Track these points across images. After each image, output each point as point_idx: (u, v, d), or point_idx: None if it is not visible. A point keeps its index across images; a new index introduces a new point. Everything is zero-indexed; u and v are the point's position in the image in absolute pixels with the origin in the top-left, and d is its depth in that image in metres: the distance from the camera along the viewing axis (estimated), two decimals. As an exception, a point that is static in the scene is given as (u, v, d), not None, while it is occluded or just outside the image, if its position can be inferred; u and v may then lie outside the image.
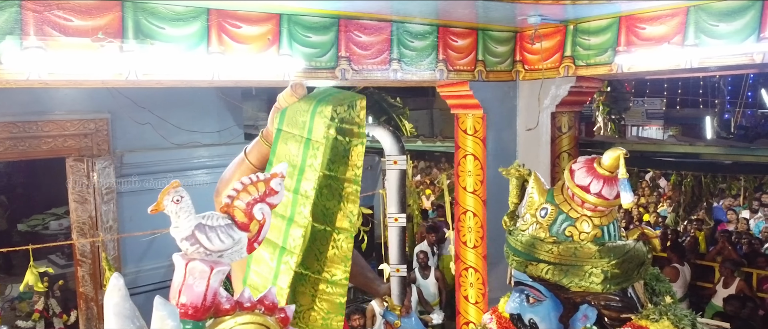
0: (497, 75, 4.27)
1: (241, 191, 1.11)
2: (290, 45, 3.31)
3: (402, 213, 2.69)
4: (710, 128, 15.92)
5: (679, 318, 1.62)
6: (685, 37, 3.34)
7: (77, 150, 6.68)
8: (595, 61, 3.83)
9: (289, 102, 1.75)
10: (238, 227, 1.11)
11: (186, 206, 1.09)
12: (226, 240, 1.08)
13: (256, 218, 1.12)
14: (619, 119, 13.42)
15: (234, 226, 1.10)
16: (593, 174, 1.66)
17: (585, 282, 1.67)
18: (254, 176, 1.13)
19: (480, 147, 4.33)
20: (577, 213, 1.69)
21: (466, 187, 4.45)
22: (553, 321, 1.74)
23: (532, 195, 1.79)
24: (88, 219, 6.76)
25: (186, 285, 1.07)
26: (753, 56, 3.11)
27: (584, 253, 1.66)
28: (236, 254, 1.11)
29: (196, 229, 1.07)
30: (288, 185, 1.57)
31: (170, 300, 1.11)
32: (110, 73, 2.81)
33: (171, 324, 0.96)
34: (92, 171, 6.74)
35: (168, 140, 7.17)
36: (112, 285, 1.09)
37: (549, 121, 4.26)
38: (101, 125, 6.81)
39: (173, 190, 1.08)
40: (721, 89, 16.12)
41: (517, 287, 1.81)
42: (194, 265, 1.06)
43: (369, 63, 3.61)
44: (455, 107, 4.44)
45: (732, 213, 10.08)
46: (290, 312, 1.17)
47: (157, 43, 2.88)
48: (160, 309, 0.96)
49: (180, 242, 1.08)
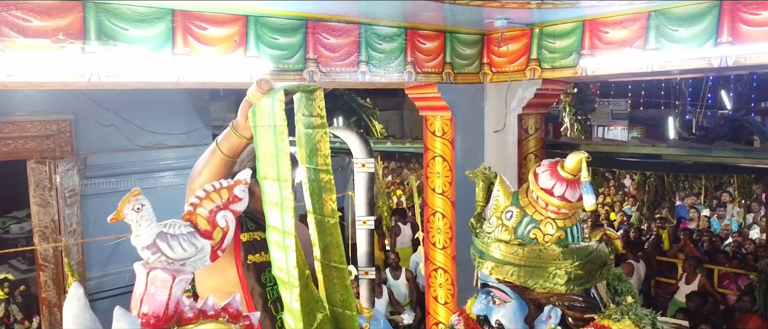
0: (465, 77, 4.30)
1: (203, 199, 1.10)
2: (257, 47, 3.28)
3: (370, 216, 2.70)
4: (673, 129, 16.32)
5: (639, 317, 1.65)
6: (647, 41, 3.42)
7: (39, 152, 6.50)
8: (560, 64, 3.90)
9: (257, 98, 1.78)
10: (201, 235, 1.10)
11: (147, 214, 1.07)
12: (189, 248, 1.07)
13: (220, 225, 1.11)
14: (585, 119, 13.65)
15: (196, 234, 1.09)
16: (556, 177, 1.69)
17: (549, 284, 1.69)
18: (217, 183, 1.12)
19: (448, 149, 4.36)
20: (541, 216, 1.71)
21: (435, 188, 4.48)
22: (518, 322, 1.77)
23: (497, 198, 1.81)
24: (50, 223, 6.59)
25: (148, 294, 1.05)
26: (711, 60, 3.20)
27: (548, 255, 1.69)
28: (199, 262, 1.09)
29: (157, 238, 1.06)
30: (270, 173, 1.60)
31: (132, 310, 1.09)
32: (71, 75, 2.75)
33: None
34: (55, 174, 6.57)
35: (133, 142, 7.04)
36: (71, 295, 1.07)
37: (516, 123, 4.31)
38: (64, 127, 6.64)
39: (134, 198, 1.07)
40: (683, 90, 16.54)
41: (484, 288, 1.83)
42: (156, 274, 1.04)
43: (337, 65, 3.61)
44: (424, 108, 4.47)
45: (694, 211, 10.36)
46: (254, 319, 1.17)
47: (120, 44, 2.83)
48: (120, 319, 0.95)
49: (141, 251, 1.06)
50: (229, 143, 1.91)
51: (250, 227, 2.26)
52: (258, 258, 2.22)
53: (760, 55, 3.05)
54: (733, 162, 5.45)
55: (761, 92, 17.11)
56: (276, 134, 1.64)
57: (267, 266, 2.22)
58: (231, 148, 1.91)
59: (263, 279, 2.22)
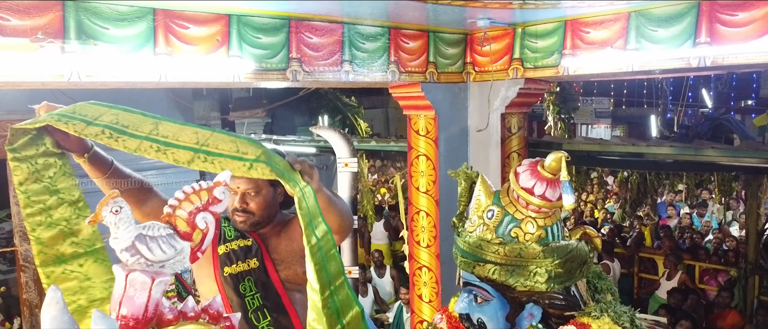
0: (448, 77, 4.32)
1: (183, 201, 1.10)
2: (240, 46, 3.27)
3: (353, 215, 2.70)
4: (655, 127, 16.51)
5: (618, 315, 1.67)
6: (627, 41, 3.46)
7: (18, 152, 6.41)
8: (543, 63, 3.93)
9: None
10: (181, 237, 1.09)
11: (125, 216, 1.07)
12: (168, 250, 1.07)
13: (199, 227, 1.11)
14: (569, 118, 13.76)
15: (176, 236, 1.09)
16: (537, 177, 1.70)
17: (530, 282, 1.71)
18: (197, 184, 1.12)
19: (432, 148, 4.37)
20: (522, 215, 1.73)
21: (419, 187, 4.49)
22: (500, 320, 1.78)
23: (479, 198, 1.82)
24: (30, 224, 6.50)
25: (127, 296, 1.05)
26: (690, 60, 3.25)
27: (529, 253, 1.70)
28: (179, 264, 1.09)
29: (136, 240, 1.05)
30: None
31: (111, 312, 1.08)
32: (51, 75, 2.72)
33: (110, 338, 0.94)
34: (35, 174, 6.48)
35: (115, 141, 6.97)
36: (49, 298, 1.06)
37: (499, 122, 4.34)
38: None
39: (111, 200, 1.06)
40: (664, 89, 16.73)
41: (466, 287, 1.84)
42: (135, 276, 1.04)
43: (320, 64, 3.60)
44: (407, 107, 4.48)
45: (672, 209, 10.49)
46: (235, 320, 1.17)
47: (100, 44, 2.80)
48: (99, 322, 0.94)
49: (120, 253, 1.06)
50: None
51: (230, 236, 2.24)
52: (234, 269, 2.20)
53: (737, 55, 3.10)
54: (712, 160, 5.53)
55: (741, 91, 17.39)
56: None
57: (246, 275, 2.20)
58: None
59: (242, 290, 2.19)
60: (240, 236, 2.25)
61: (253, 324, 2.18)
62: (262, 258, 2.23)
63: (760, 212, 6.85)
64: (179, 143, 1.65)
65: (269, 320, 2.19)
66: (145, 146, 1.64)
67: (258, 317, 2.19)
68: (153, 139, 1.66)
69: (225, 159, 1.63)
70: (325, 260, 1.76)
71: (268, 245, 2.27)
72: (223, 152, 1.65)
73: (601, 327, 1.64)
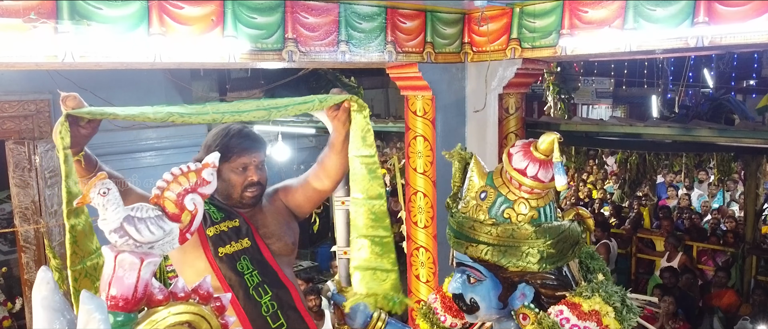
0: (446, 57, 4.30)
1: (171, 182, 1.10)
2: (235, 26, 3.25)
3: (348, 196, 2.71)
4: (655, 107, 16.45)
5: (609, 294, 1.69)
6: (625, 21, 3.43)
7: (17, 133, 6.42)
8: (540, 43, 3.90)
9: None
10: (169, 218, 1.10)
11: (113, 198, 1.07)
12: (157, 232, 1.07)
13: (188, 208, 1.11)
14: (569, 98, 13.70)
15: (164, 217, 1.09)
16: (529, 158, 1.71)
17: (522, 262, 1.72)
18: (185, 166, 1.12)
19: (429, 129, 4.36)
20: (514, 196, 1.73)
21: (417, 168, 4.49)
22: (492, 300, 1.80)
23: (472, 178, 1.83)
24: (31, 204, 6.54)
25: (116, 277, 1.06)
26: (687, 40, 3.22)
27: (521, 234, 1.71)
28: (167, 245, 1.10)
29: (124, 221, 1.06)
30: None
31: (101, 293, 1.09)
32: (44, 56, 2.70)
33: (98, 318, 0.95)
34: (34, 154, 6.50)
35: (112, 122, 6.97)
36: (39, 279, 1.07)
37: (496, 102, 4.32)
38: (42, 107, 6.56)
39: (99, 182, 1.06)
40: (665, 69, 16.64)
41: (459, 268, 1.86)
42: (123, 257, 1.05)
43: (316, 45, 3.58)
44: (405, 88, 4.46)
45: (672, 190, 10.51)
46: (226, 300, 1.17)
47: (93, 24, 2.78)
48: (87, 302, 0.95)
49: (108, 234, 1.06)
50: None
51: (216, 218, 2.27)
52: (229, 249, 2.23)
53: (735, 35, 3.07)
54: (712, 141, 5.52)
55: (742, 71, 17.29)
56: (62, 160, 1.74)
57: (241, 254, 2.23)
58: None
59: (240, 268, 2.23)
60: (226, 217, 2.29)
61: (255, 300, 2.21)
62: (253, 236, 2.28)
63: (759, 192, 6.86)
64: (248, 108, 1.92)
65: (271, 295, 2.24)
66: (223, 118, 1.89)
67: (260, 293, 2.23)
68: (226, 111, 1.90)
69: (295, 106, 2.02)
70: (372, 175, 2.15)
71: (256, 223, 2.34)
72: (287, 104, 2.02)
73: (592, 307, 1.65)
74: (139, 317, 1.11)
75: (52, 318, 1.07)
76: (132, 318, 1.09)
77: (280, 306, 2.27)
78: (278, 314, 2.25)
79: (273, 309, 2.24)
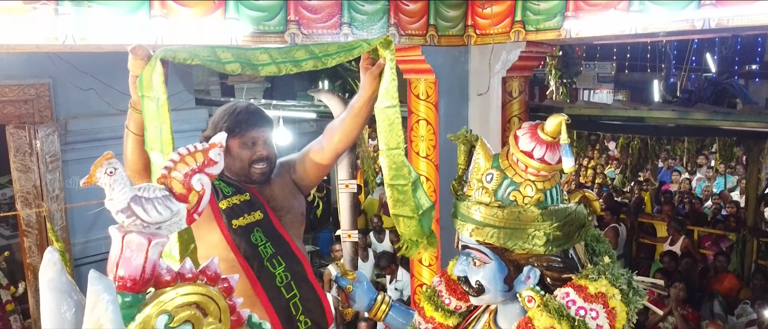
0: (449, 40, 4.27)
1: (178, 162, 1.09)
2: (237, 8, 3.22)
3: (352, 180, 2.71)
4: (657, 92, 16.38)
5: (616, 277, 1.68)
6: (631, 2, 3.39)
7: (17, 117, 6.40)
8: (544, 26, 3.87)
9: (138, 67, 1.80)
10: (177, 199, 1.09)
11: (120, 178, 1.06)
12: (164, 212, 1.07)
13: (195, 189, 1.10)
14: (571, 83, 13.61)
15: (172, 197, 1.08)
16: (536, 140, 1.69)
17: (528, 245, 1.72)
18: (192, 146, 1.11)
19: (432, 112, 4.34)
20: (521, 178, 1.72)
21: (419, 152, 4.48)
22: (498, 283, 1.79)
23: (478, 161, 1.81)
24: (32, 189, 6.54)
25: (123, 258, 1.05)
26: (693, 22, 3.20)
27: (527, 217, 1.71)
28: (175, 225, 1.09)
29: (132, 201, 1.05)
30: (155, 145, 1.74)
31: (108, 273, 1.09)
32: (44, 38, 2.68)
33: (107, 298, 0.94)
34: (35, 139, 6.49)
35: (114, 106, 6.94)
36: (46, 260, 1.06)
37: (500, 86, 4.30)
38: (42, 91, 6.53)
39: (106, 162, 1.05)
40: (667, 53, 16.55)
41: (464, 250, 1.85)
42: (131, 238, 1.04)
43: (319, 27, 3.55)
44: (407, 71, 4.44)
45: (675, 174, 10.50)
46: (233, 281, 1.17)
47: (94, 5, 2.76)
48: (95, 283, 0.94)
49: (116, 214, 1.06)
50: (134, 122, 1.91)
51: (227, 192, 2.28)
52: (243, 221, 2.26)
53: (743, 17, 3.05)
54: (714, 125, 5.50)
55: (745, 56, 17.19)
56: (158, 107, 1.69)
57: (254, 226, 2.25)
58: (137, 126, 1.91)
59: (254, 240, 2.25)
60: (236, 191, 2.30)
61: (270, 272, 2.25)
62: (265, 209, 2.30)
63: (761, 177, 6.85)
64: (302, 57, 1.95)
65: (284, 266, 2.27)
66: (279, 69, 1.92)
67: (273, 264, 2.26)
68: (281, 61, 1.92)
69: (344, 53, 2.06)
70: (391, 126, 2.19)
71: (266, 196, 2.35)
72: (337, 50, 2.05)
73: (599, 289, 1.64)
74: (146, 298, 1.10)
75: (59, 300, 1.06)
76: (140, 299, 1.08)
77: (294, 277, 2.30)
78: (292, 285, 2.29)
79: (287, 279, 2.28)
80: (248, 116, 2.30)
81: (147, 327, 1.08)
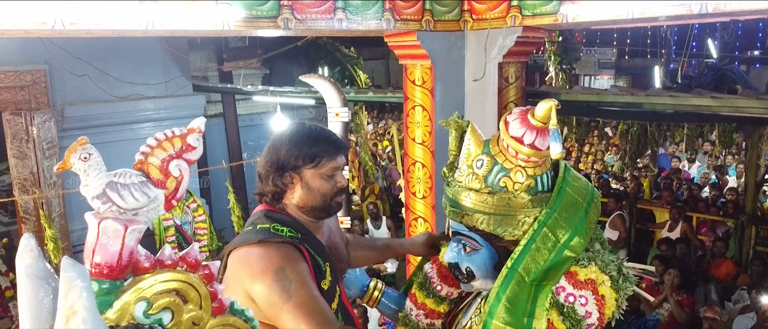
0: (445, 25, 4.22)
1: (155, 148, 1.07)
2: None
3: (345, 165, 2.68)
4: (658, 78, 16.30)
5: (606, 263, 1.67)
6: (628, -14, 3.35)
7: (14, 103, 6.39)
8: (541, 11, 3.82)
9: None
10: (154, 185, 1.07)
11: (95, 163, 1.04)
12: (141, 198, 1.05)
13: (173, 174, 1.08)
14: (570, 68, 13.55)
15: (149, 183, 1.06)
16: (527, 126, 1.67)
17: (518, 231, 1.71)
18: (170, 131, 1.09)
19: (428, 98, 4.31)
20: (511, 164, 1.71)
21: (415, 138, 4.45)
22: (488, 269, 1.79)
23: (468, 147, 1.80)
24: (29, 175, 6.54)
25: (99, 244, 1.03)
26: (691, 7, 3.15)
27: (518, 203, 1.69)
28: (153, 212, 1.07)
29: (107, 187, 1.03)
30: None
31: (85, 260, 1.07)
32: (34, 23, 2.65)
33: (80, 284, 0.93)
34: (31, 125, 6.47)
35: (109, 93, 6.92)
36: (23, 246, 1.04)
37: (496, 72, 4.26)
38: (38, 77, 6.51)
39: (80, 147, 1.03)
40: (668, 39, 16.44)
41: (455, 237, 1.84)
42: (107, 224, 1.02)
43: (313, 12, 3.51)
44: (403, 57, 4.40)
45: (676, 160, 10.48)
46: (214, 268, 1.15)
47: (84, -10, 2.72)
48: (68, 269, 0.93)
49: (91, 200, 1.04)
50: None
51: (323, 269, 1.94)
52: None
53: (741, 1, 3.00)
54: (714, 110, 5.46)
55: (746, 41, 17.07)
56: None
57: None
58: None
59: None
60: (325, 259, 1.98)
61: None
62: (337, 282, 2.01)
63: (760, 163, 6.83)
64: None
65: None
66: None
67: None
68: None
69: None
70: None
71: (331, 247, 2.09)
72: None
73: (588, 276, 1.63)
74: (125, 285, 1.09)
75: (36, 286, 1.05)
76: (117, 286, 1.07)
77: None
78: None
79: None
80: (328, 145, 1.95)
81: (125, 314, 1.06)
